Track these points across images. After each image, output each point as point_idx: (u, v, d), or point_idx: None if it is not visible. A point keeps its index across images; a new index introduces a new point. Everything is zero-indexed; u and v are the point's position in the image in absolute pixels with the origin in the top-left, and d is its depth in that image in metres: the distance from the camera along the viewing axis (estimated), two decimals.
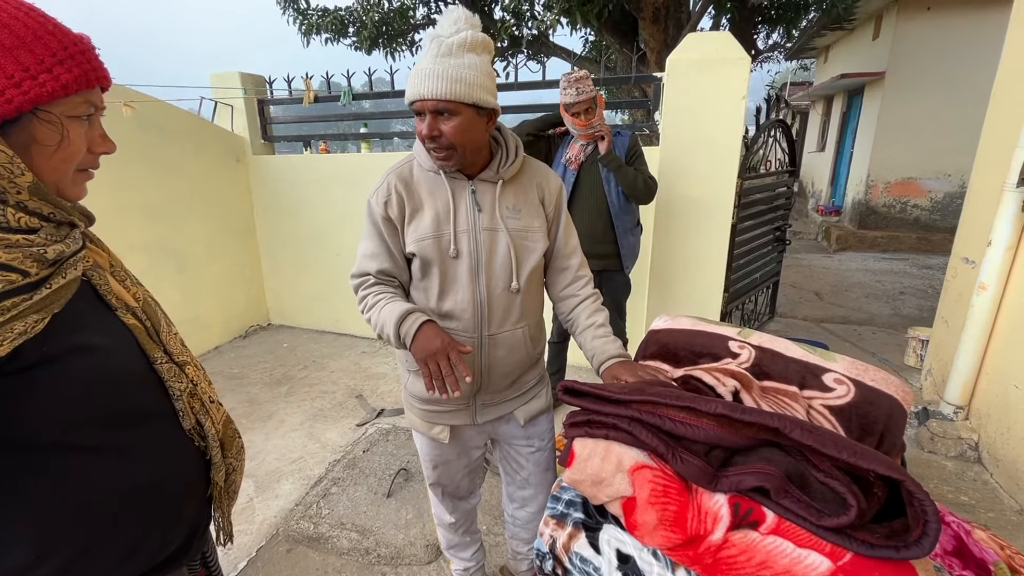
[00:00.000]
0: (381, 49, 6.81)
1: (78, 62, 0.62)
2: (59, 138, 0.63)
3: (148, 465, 0.74)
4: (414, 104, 1.05)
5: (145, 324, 0.76)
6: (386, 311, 1.08)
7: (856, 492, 0.70)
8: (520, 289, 1.19)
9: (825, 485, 0.73)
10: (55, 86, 0.59)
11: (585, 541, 0.85)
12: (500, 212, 1.16)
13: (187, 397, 0.79)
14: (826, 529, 0.69)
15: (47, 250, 0.61)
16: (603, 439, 0.86)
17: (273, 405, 3.08)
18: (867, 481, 0.72)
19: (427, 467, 1.43)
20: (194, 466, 0.82)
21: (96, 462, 0.69)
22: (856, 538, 0.68)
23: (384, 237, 1.16)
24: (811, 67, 13.61)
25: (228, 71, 3.97)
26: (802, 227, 9.43)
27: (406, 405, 1.37)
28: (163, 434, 0.77)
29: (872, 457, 0.69)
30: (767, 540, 0.71)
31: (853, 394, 0.94)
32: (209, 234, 3.84)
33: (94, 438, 0.68)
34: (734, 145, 2.76)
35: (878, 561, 0.67)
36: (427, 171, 1.16)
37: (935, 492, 2.23)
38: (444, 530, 1.59)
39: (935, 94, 7.01)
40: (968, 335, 2.42)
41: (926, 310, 4.65)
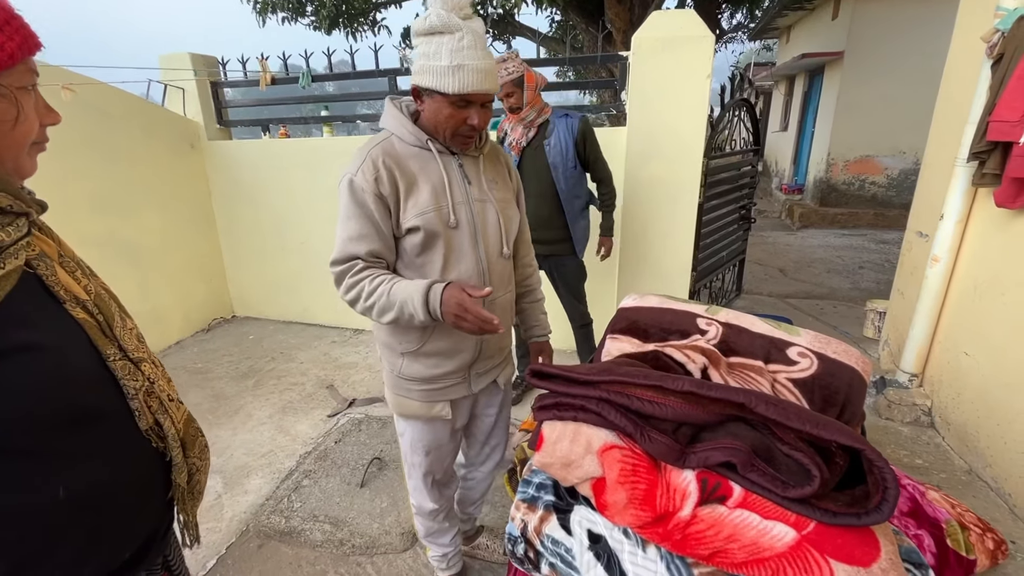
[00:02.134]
0: (342, 29, 6.59)
1: (15, 28, 0.58)
2: (16, 112, 0.60)
3: (98, 469, 0.69)
4: (470, 95, 1.08)
5: (97, 319, 0.71)
6: (401, 290, 1.08)
7: (819, 463, 0.71)
8: (509, 255, 1.29)
9: (790, 457, 0.74)
10: (1, 55, 0.56)
11: (556, 523, 0.85)
12: (485, 184, 1.24)
13: (143, 396, 0.74)
14: (791, 500, 0.71)
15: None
16: (572, 421, 0.86)
17: (240, 399, 2.99)
18: (829, 451, 0.73)
19: (418, 456, 1.41)
20: (151, 468, 0.78)
21: (39, 468, 0.64)
22: (820, 507, 0.70)
23: (373, 216, 1.12)
24: (774, 47, 13.81)
25: (178, 52, 3.76)
26: (767, 206, 9.65)
27: (399, 393, 1.32)
28: (116, 436, 0.73)
29: (834, 428, 0.70)
30: (734, 514, 0.72)
31: (816, 367, 0.96)
32: (165, 225, 3.67)
33: (38, 442, 0.63)
34: (699, 124, 2.77)
35: (840, 528, 0.69)
36: (412, 147, 1.17)
37: (892, 457, 2.33)
38: (424, 519, 1.57)
39: (891, 74, 7.20)
40: (922, 306, 2.51)
41: (883, 283, 4.83)
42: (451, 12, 1.05)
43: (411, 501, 1.57)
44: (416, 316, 1.07)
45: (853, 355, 1.03)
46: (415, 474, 1.47)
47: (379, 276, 1.13)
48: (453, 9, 1.06)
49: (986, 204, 2.21)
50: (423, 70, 1.09)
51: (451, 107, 1.10)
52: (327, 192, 3.71)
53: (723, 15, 8.09)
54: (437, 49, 1.06)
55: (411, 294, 1.07)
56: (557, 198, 2.41)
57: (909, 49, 6.99)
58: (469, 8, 1.08)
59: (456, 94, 1.07)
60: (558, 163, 2.35)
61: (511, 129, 2.41)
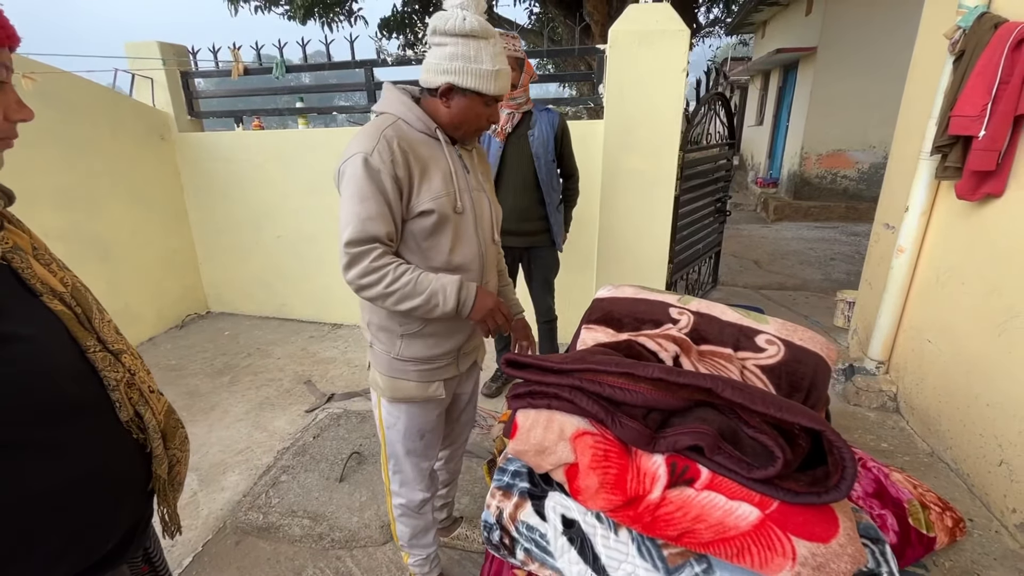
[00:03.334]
0: (317, 19, 6.47)
1: None
2: None
3: (79, 462, 0.69)
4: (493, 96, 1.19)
5: (75, 310, 0.71)
6: (434, 280, 1.15)
7: (783, 444, 0.73)
8: (499, 241, 1.38)
9: (755, 440, 0.77)
10: None
11: (531, 510, 0.87)
12: (479, 175, 1.33)
13: (124, 387, 0.74)
14: (756, 481, 0.73)
15: None
16: (545, 409, 0.87)
17: (216, 396, 2.95)
18: (792, 434, 0.76)
19: (413, 441, 1.41)
20: (132, 460, 0.78)
21: (22, 460, 0.64)
22: (782, 487, 0.72)
23: (389, 197, 1.12)
24: (750, 42, 13.99)
25: (145, 40, 3.65)
26: (742, 199, 9.82)
27: (396, 375, 1.32)
28: (97, 427, 0.72)
29: (797, 411, 0.73)
30: (702, 495, 0.74)
31: (783, 354, 0.99)
32: (135, 219, 3.58)
33: (17, 434, 0.63)
34: (676, 118, 2.81)
35: (802, 507, 0.71)
36: (420, 133, 1.21)
37: (859, 441, 2.42)
38: (411, 516, 1.53)
39: (862, 69, 7.37)
40: (888, 295, 2.60)
41: (853, 274, 4.97)
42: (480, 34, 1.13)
43: (395, 502, 1.53)
44: (442, 307, 1.14)
45: (819, 342, 1.06)
46: (408, 464, 1.45)
47: (402, 265, 1.15)
48: (481, 14, 1.14)
49: (948, 197, 2.29)
50: (463, 71, 1.14)
51: (484, 106, 1.20)
52: (303, 185, 3.66)
53: (700, 10, 8.17)
54: (478, 53, 1.13)
55: (444, 286, 1.15)
56: (538, 189, 2.42)
57: (880, 45, 7.16)
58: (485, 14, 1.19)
59: (495, 95, 1.19)
60: (540, 154, 2.36)
61: None
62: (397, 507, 1.54)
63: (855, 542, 0.69)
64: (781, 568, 0.68)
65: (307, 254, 3.83)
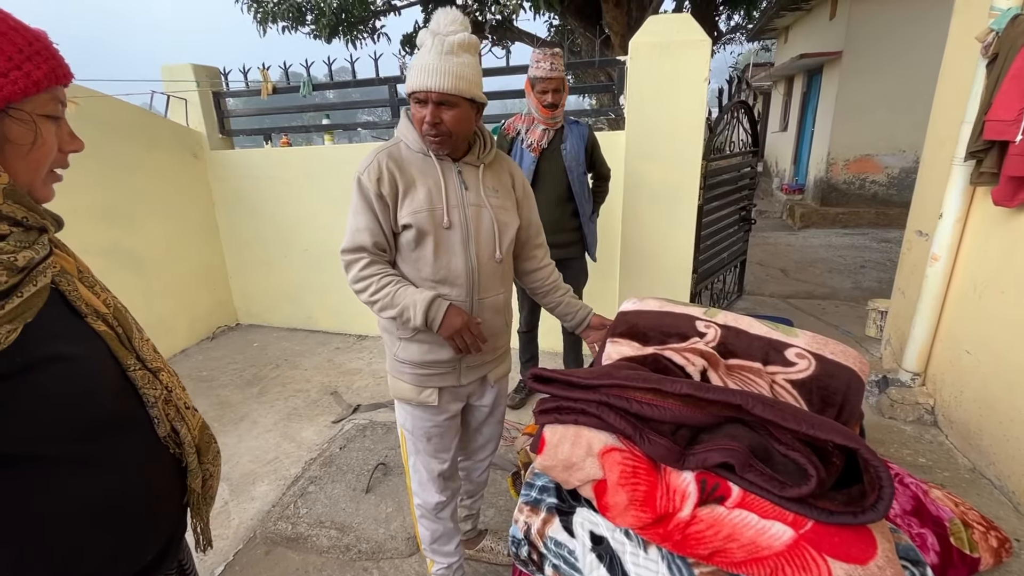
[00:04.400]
0: (341, 37, 6.64)
1: (45, 58, 0.61)
2: (33, 137, 0.61)
3: (122, 476, 0.72)
4: (417, 94, 1.18)
5: (117, 331, 0.74)
6: (408, 295, 1.22)
7: (816, 462, 0.72)
8: (502, 259, 1.35)
9: (787, 457, 0.75)
10: (27, 83, 0.58)
11: (559, 525, 0.86)
12: (484, 191, 1.32)
13: (162, 404, 0.77)
14: (789, 500, 0.72)
15: (17, 257, 0.59)
16: (572, 424, 0.87)
17: (245, 407, 3.01)
18: (826, 451, 0.75)
19: (421, 441, 1.46)
20: (169, 474, 0.81)
21: (69, 475, 0.66)
22: (817, 506, 0.71)
23: (376, 212, 1.24)
24: (772, 48, 13.84)
25: (180, 63, 3.81)
26: (767, 206, 9.66)
27: (395, 374, 1.42)
28: (137, 443, 0.75)
29: (830, 428, 0.72)
30: (733, 514, 0.73)
31: (814, 368, 0.97)
32: (169, 234, 3.71)
33: (67, 449, 0.66)
34: (698, 127, 2.79)
35: (837, 527, 0.70)
36: (416, 152, 1.28)
37: (895, 456, 2.34)
38: (430, 519, 1.58)
39: (890, 72, 7.22)
40: (923, 305, 2.52)
41: (885, 282, 4.83)
42: (434, 33, 1.17)
43: (415, 503, 1.58)
44: (413, 321, 1.22)
45: (851, 356, 1.04)
46: (420, 464, 1.50)
47: (387, 276, 1.25)
48: (436, 30, 1.17)
49: (984, 203, 2.21)
50: None
51: (415, 105, 1.22)
52: (329, 200, 3.74)
53: (720, 17, 8.12)
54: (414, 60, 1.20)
55: (415, 302, 1.21)
56: (571, 201, 2.47)
57: (907, 47, 7.01)
58: (455, 26, 1.17)
59: (408, 92, 1.20)
60: (573, 166, 2.40)
61: (528, 130, 2.40)
62: (417, 508, 1.59)
63: (894, 564, 0.67)
64: None
65: (332, 267, 3.90)
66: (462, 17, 1.18)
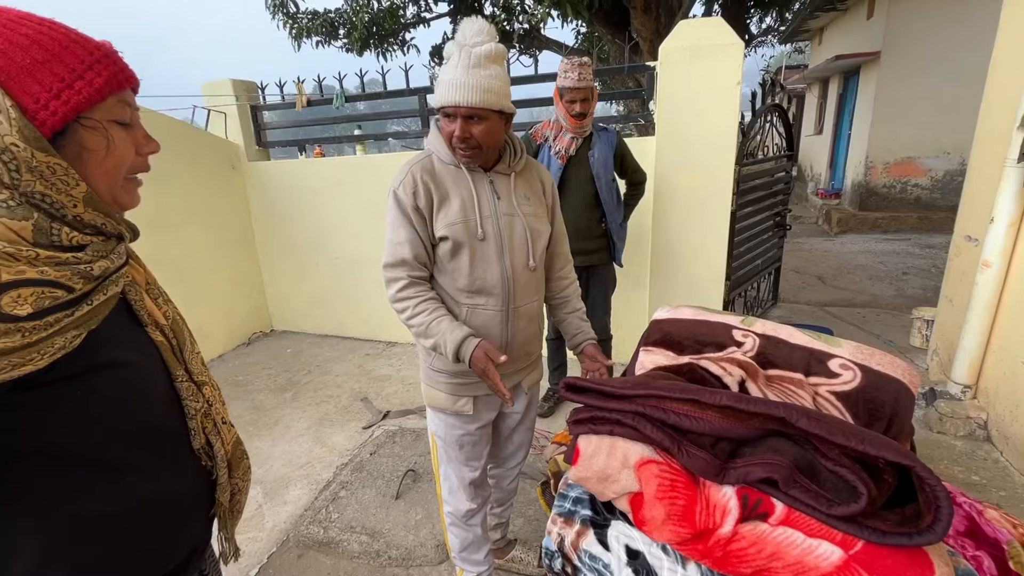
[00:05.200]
0: (372, 50, 6.79)
1: (105, 65, 0.63)
2: (106, 142, 0.64)
3: (155, 483, 0.73)
4: (446, 108, 1.19)
5: (171, 342, 0.77)
6: (442, 330, 1.22)
7: (866, 479, 0.69)
8: (536, 267, 1.36)
9: (834, 473, 0.72)
10: (90, 91, 0.60)
11: (594, 538, 0.85)
12: (515, 200, 1.32)
13: (201, 416, 0.79)
14: (837, 518, 0.68)
15: (93, 267, 0.62)
16: (607, 435, 0.85)
17: (279, 411, 3.08)
18: (876, 467, 0.71)
19: (453, 450, 1.46)
20: (199, 486, 0.82)
21: (107, 478, 0.68)
22: (867, 526, 0.67)
23: (414, 225, 1.25)
24: (806, 50, 13.52)
25: (220, 79, 3.95)
26: (802, 211, 9.39)
27: (430, 383, 1.42)
28: (172, 453, 0.77)
29: (881, 444, 0.68)
30: (777, 531, 0.70)
31: (859, 379, 0.93)
32: (208, 243, 3.84)
33: (106, 453, 0.68)
34: (730, 132, 2.74)
35: (890, 548, 0.66)
36: (447, 164, 1.29)
37: (945, 473, 2.22)
38: (460, 527, 1.58)
39: (932, 72, 6.96)
40: (973, 314, 2.40)
41: (930, 290, 4.63)
42: (460, 44, 1.17)
43: (445, 510, 1.58)
44: (445, 356, 1.23)
45: (899, 367, 0.99)
46: (451, 472, 1.50)
47: (423, 302, 1.25)
48: (462, 41, 1.17)
49: None
50: None
51: (444, 120, 1.22)
52: (359, 209, 3.81)
53: (752, 19, 7.98)
54: (441, 74, 1.20)
55: (446, 340, 1.21)
56: (598, 208, 2.45)
57: (951, 45, 6.75)
58: (481, 36, 1.16)
59: (437, 107, 1.21)
60: (601, 173, 2.38)
61: (556, 138, 2.39)
62: (447, 515, 1.58)
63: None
64: None
65: (363, 275, 3.98)
66: (488, 27, 1.18)
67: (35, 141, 0.56)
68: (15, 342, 0.54)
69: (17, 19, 0.59)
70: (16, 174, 0.56)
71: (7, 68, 0.56)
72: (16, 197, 0.56)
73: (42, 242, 0.58)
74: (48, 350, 0.58)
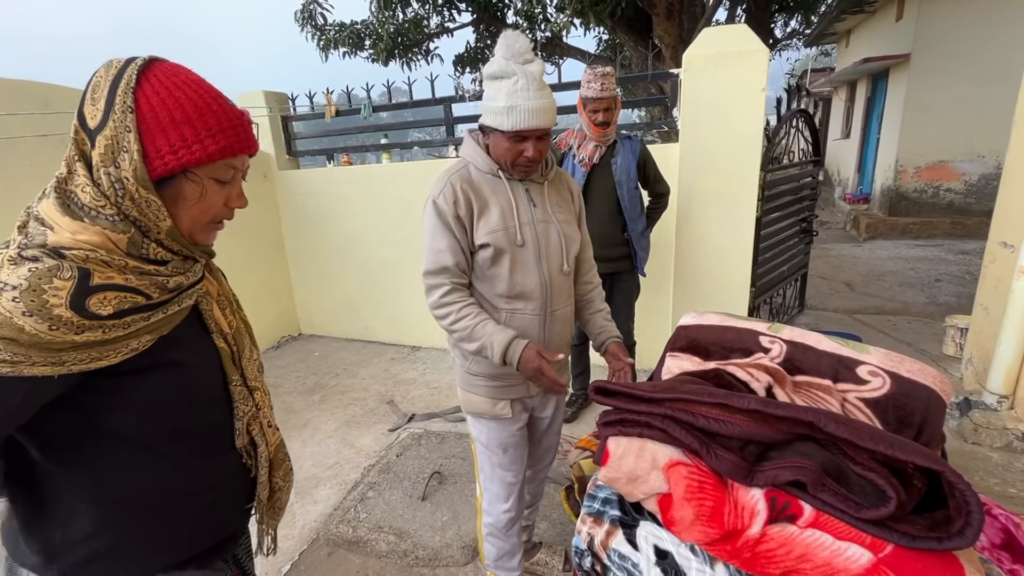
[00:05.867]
0: (397, 60, 6.92)
1: (226, 135, 0.72)
2: (199, 194, 0.73)
3: (195, 472, 0.82)
4: (523, 132, 1.22)
5: (232, 348, 0.86)
6: (487, 333, 1.24)
7: (895, 484, 0.70)
8: (569, 272, 1.40)
9: (863, 478, 0.73)
10: (203, 154, 0.70)
11: (623, 538, 0.87)
12: (549, 207, 1.37)
13: (247, 419, 0.87)
14: (866, 521, 0.70)
15: (169, 280, 0.72)
16: (637, 437, 0.88)
17: (308, 413, 3.16)
18: (906, 473, 0.72)
19: (497, 455, 1.48)
20: (236, 481, 0.89)
21: (157, 460, 0.77)
22: (897, 530, 0.68)
23: (454, 233, 1.28)
24: (832, 53, 13.30)
25: (253, 90, 4.09)
26: (829, 216, 9.22)
27: (468, 388, 1.44)
28: (215, 447, 0.85)
29: (910, 448, 0.69)
30: (806, 533, 0.72)
31: (889, 386, 0.93)
32: (241, 249, 3.96)
33: (161, 439, 0.77)
34: (755, 137, 2.73)
35: (920, 552, 0.67)
36: (485, 174, 1.33)
37: (981, 484, 2.16)
38: (499, 537, 1.57)
39: (964, 73, 6.78)
40: (1009, 322, 2.34)
41: (964, 297, 4.50)
42: (510, 59, 1.20)
43: (485, 520, 1.58)
44: (491, 359, 1.24)
45: (930, 374, 0.99)
46: (496, 477, 1.51)
47: (466, 307, 1.27)
48: (512, 56, 1.20)
49: None
50: (485, 110, 1.26)
51: (508, 141, 1.25)
52: (385, 216, 3.89)
53: (777, 23, 7.90)
54: (496, 92, 1.22)
55: (493, 343, 1.23)
56: (620, 216, 2.46)
57: (983, 46, 6.58)
58: (529, 53, 1.21)
59: (510, 131, 1.22)
60: (623, 181, 2.41)
61: (580, 146, 2.43)
62: (486, 526, 1.59)
63: None
64: None
65: (388, 280, 4.05)
66: (527, 40, 1.22)
67: (142, 180, 0.67)
68: (96, 337, 0.64)
69: (183, 83, 0.70)
70: (121, 199, 0.68)
71: (150, 121, 0.68)
72: (120, 215, 0.68)
73: (133, 253, 0.69)
74: (123, 349, 0.67)
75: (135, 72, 0.68)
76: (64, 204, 0.67)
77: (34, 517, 0.75)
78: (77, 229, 0.65)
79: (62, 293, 0.60)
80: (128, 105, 0.67)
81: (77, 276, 0.62)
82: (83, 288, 0.62)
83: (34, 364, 0.60)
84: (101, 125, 0.66)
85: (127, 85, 0.67)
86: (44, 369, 0.61)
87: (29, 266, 0.60)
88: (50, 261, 0.61)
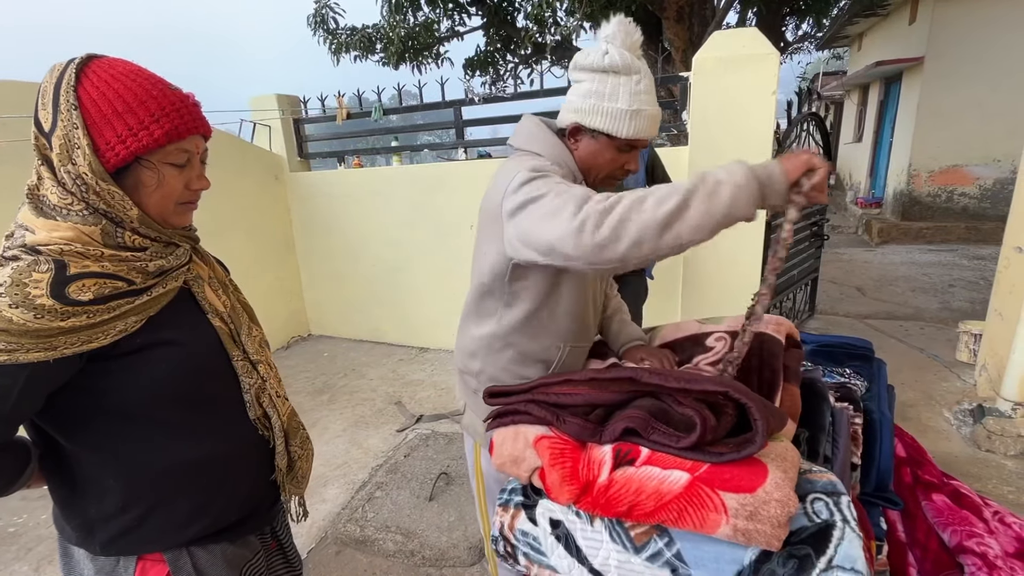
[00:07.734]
0: (408, 63, 6.96)
1: (170, 119, 0.75)
2: (157, 180, 0.76)
3: (211, 445, 0.86)
4: (638, 141, 1.03)
5: (230, 327, 0.90)
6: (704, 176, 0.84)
7: (702, 412, 0.82)
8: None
9: (683, 415, 0.86)
10: (149, 140, 0.73)
11: (525, 518, 0.97)
12: None
13: (255, 391, 0.91)
14: (685, 449, 0.82)
15: (149, 264, 0.77)
16: (511, 425, 1.01)
17: (316, 413, 3.18)
18: (718, 405, 0.86)
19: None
20: (254, 451, 0.93)
21: (170, 436, 0.82)
22: (712, 451, 0.81)
23: None
24: (844, 56, 13.18)
25: (265, 94, 4.15)
26: (841, 221, 9.11)
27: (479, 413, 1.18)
28: (228, 420, 0.90)
29: (700, 380, 0.85)
30: (641, 470, 0.84)
31: (728, 344, 1.10)
32: (252, 250, 4.01)
33: (171, 415, 0.82)
34: (766, 141, 2.71)
35: (730, 465, 0.79)
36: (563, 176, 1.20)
37: (994, 493, 2.13)
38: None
39: (979, 77, 6.68)
40: None
41: (978, 303, 4.43)
42: (633, 50, 0.99)
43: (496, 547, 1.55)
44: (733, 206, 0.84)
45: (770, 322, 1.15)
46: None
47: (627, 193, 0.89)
48: (631, 49, 0.99)
49: None
50: (595, 110, 1.00)
51: (615, 151, 1.05)
52: (395, 218, 3.93)
53: (788, 26, 7.85)
54: (614, 90, 0.98)
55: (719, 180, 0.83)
56: None
57: (998, 50, 6.48)
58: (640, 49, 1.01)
59: (629, 139, 1.02)
60: (631, 184, 2.40)
61: None
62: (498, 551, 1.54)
63: (782, 488, 0.74)
64: (718, 524, 0.75)
65: (398, 281, 4.08)
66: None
67: (99, 173, 0.71)
68: (82, 322, 0.69)
69: (121, 75, 0.73)
70: (86, 194, 0.72)
71: (95, 115, 0.71)
72: (88, 209, 0.72)
73: (110, 243, 0.74)
74: (111, 331, 0.72)
75: (74, 71, 0.71)
76: (37, 208, 0.72)
77: (69, 495, 0.82)
78: (52, 228, 0.70)
79: (42, 284, 0.66)
80: (71, 103, 0.70)
81: (54, 268, 0.67)
82: (60, 278, 0.67)
83: (28, 351, 0.66)
84: (53, 126, 0.71)
85: (68, 84, 0.71)
86: (39, 355, 0.67)
87: (11, 265, 0.67)
88: (28, 257, 0.67)
